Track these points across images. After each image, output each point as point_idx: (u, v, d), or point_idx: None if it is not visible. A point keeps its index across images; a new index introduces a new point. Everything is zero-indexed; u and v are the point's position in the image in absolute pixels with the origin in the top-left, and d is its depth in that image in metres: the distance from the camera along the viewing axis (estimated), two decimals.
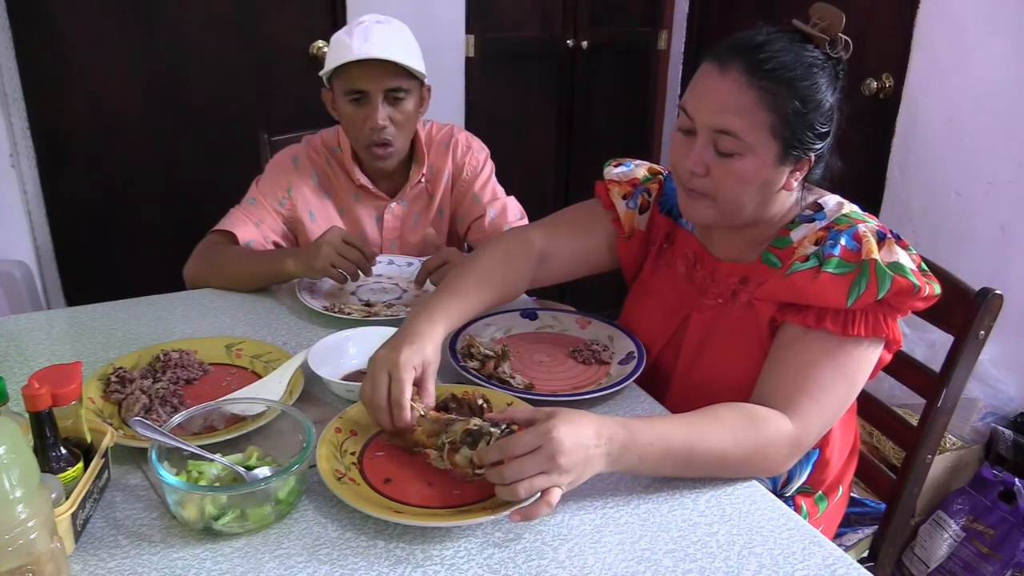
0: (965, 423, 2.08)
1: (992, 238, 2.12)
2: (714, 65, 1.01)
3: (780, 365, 1.04)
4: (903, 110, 2.29)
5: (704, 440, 0.93)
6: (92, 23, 2.19)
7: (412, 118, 1.56)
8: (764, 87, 0.98)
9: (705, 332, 1.16)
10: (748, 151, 1.01)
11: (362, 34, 1.46)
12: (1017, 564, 1.84)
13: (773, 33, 1.02)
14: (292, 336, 1.32)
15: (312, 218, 1.61)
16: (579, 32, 2.95)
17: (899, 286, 0.97)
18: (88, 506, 0.86)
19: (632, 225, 1.26)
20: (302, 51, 2.46)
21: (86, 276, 2.37)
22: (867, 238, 1.01)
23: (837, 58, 1.03)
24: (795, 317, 1.03)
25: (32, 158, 2.18)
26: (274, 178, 1.61)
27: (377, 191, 1.63)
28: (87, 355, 1.23)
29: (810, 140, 1.02)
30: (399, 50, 1.47)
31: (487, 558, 0.84)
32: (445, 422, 0.95)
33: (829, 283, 0.99)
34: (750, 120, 0.99)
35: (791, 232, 1.09)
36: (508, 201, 1.69)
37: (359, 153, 1.59)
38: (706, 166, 1.04)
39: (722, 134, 1.01)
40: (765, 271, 1.10)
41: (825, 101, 1.02)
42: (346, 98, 1.51)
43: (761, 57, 0.98)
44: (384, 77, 1.48)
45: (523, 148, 2.96)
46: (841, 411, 1.04)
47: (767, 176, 1.03)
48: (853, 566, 0.84)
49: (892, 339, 1.03)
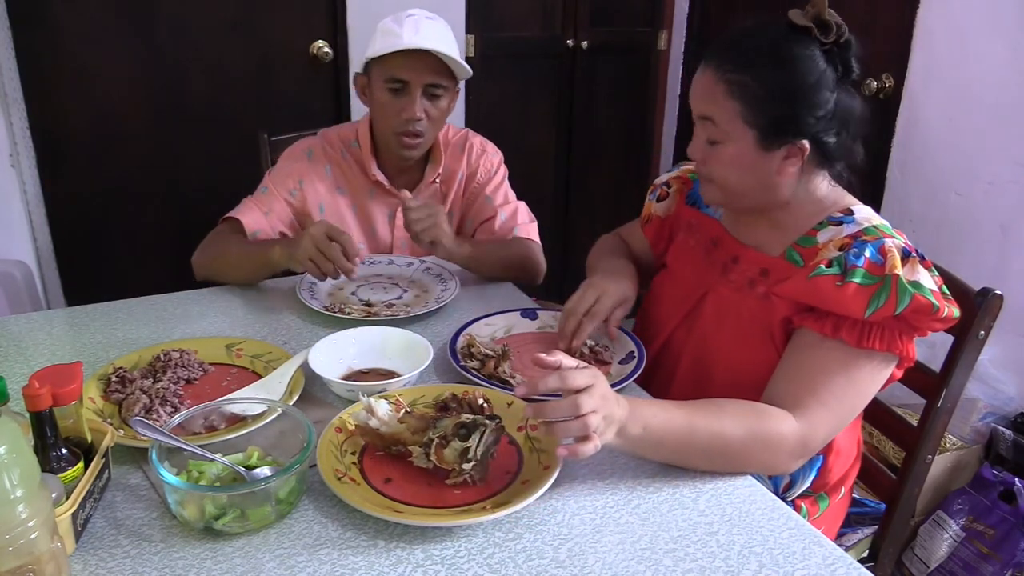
0: (965, 423, 2.08)
1: (992, 238, 2.12)
2: (701, 65, 1.11)
3: (793, 368, 1.04)
4: (903, 110, 2.29)
5: (704, 418, 0.96)
6: (92, 23, 2.19)
7: (444, 116, 1.57)
8: (729, 79, 1.05)
9: (719, 314, 1.18)
10: (727, 138, 1.08)
11: (413, 26, 1.47)
12: (1017, 564, 1.84)
13: (760, 26, 1.07)
14: (292, 336, 1.32)
15: (321, 211, 1.61)
16: (579, 32, 2.95)
17: (918, 304, 0.98)
18: (88, 506, 0.86)
19: (650, 212, 1.40)
20: (302, 51, 2.46)
21: (86, 276, 2.36)
22: (892, 253, 1.01)
23: (834, 43, 1.04)
24: (813, 323, 1.04)
25: (32, 158, 2.18)
26: (287, 168, 1.60)
27: (392, 188, 1.63)
28: (87, 355, 1.23)
29: (793, 124, 1.04)
30: (448, 48, 1.48)
31: (487, 558, 0.84)
32: (432, 419, 0.95)
33: (851, 293, 1.00)
34: (721, 108, 1.06)
35: (818, 233, 1.09)
36: (519, 205, 1.69)
37: (385, 141, 1.58)
38: (702, 153, 1.13)
39: (706, 121, 1.09)
40: (787, 267, 1.11)
41: (805, 86, 1.03)
42: (385, 85, 1.50)
43: (731, 52, 1.07)
44: (427, 71, 1.48)
45: (523, 148, 2.96)
46: (848, 420, 1.05)
47: (752, 161, 1.07)
48: (853, 566, 0.84)
49: (905, 356, 1.04)
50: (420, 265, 1.59)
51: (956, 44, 2.14)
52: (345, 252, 1.33)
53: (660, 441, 0.94)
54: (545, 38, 2.91)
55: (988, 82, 2.08)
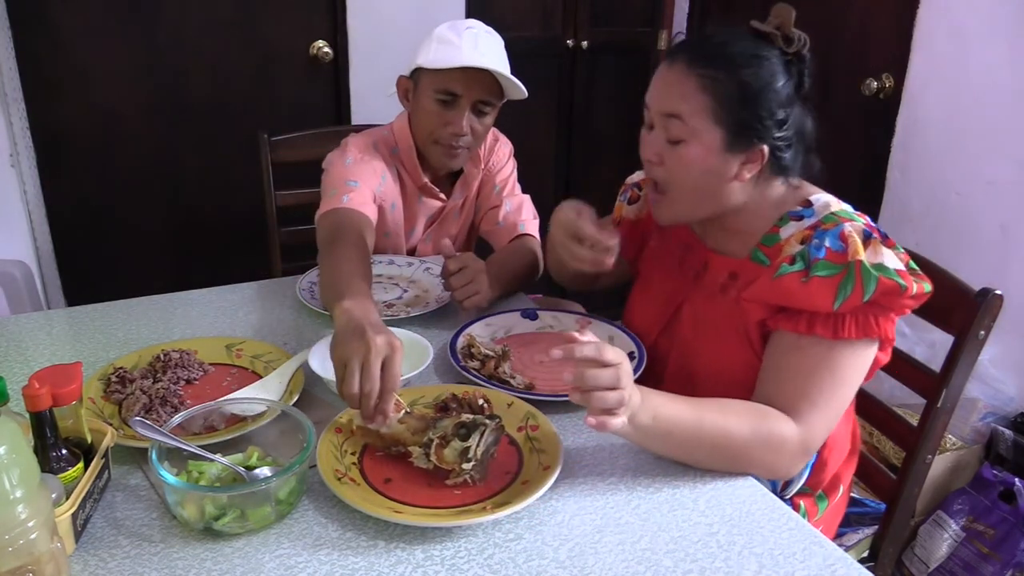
0: (965, 423, 2.08)
1: (992, 238, 2.12)
2: (665, 62, 1.09)
3: (777, 373, 1.05)
4: (903, 110, 2.28)
5: (712, 414, 0.96)
6: (92, 23, 2.19)
7: (487, 131, 1.57)
8: (703, 73, 1.04)
9: (696, 323, 1.18)
10: (692, 137, 1.05)
11: (472, 40, 1.45)
12: (1017, 564, 1.84)
13: (726, 31, 1.08)
14: (292, 336, 1.32)
15: (392, 208, 1.59)
16: (579, 32, 2.95)
17: (884, 286, 0.98)
18: (88, 506, 0.86)
19: (620, 214, 1.38)
20: (302, 51, 2.46)
21: (86, 276, 2.36)
22: (852, 238, 1.01)
23: (794, 54, 1.05)
24: (787, 324, 1.04)
25: (32, 158, 2.18)
26: (369, 163, 1.53)
27: (440, 194, 1.62)
28: (87, 355, 1.23)
29: (757, 129, 1.04)
30: (505, 66, 1.47)
31: (487, 558, 0.84)
32: (432, 419, 0.96)
33: (817, 287, 1.00)
34: (692, 103, 1.04)
35: (780, 229, 1.09)
36: (524, 199, 1.69)
37: (426, 148, 1.56)
38: (660, 155, 1.10)
39: (670, 118, 1.06)
40: (754, 268, 1.10)
41: (771, 90, 1.03)
42: (435, 95, 1.48)
43: (703, 47, 1.07)
44: (481, 88, 1.47)
45: (523, 148, 2.94)
46: (842, 411, 1.05)
47: (713, 163, 1.06)
48: (853, 566, 0.84)
49: (885, 338, 1.03)
50: (420, 265, 1.59)
51: (956, 44, 2.14)
52: (380, 396, 0.94)
53: (668, 432, 0.94)
54: (545, 38, 2.92)
55: (988, 82, 2.08)
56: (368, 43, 2.45)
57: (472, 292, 1.35)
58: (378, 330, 0.96)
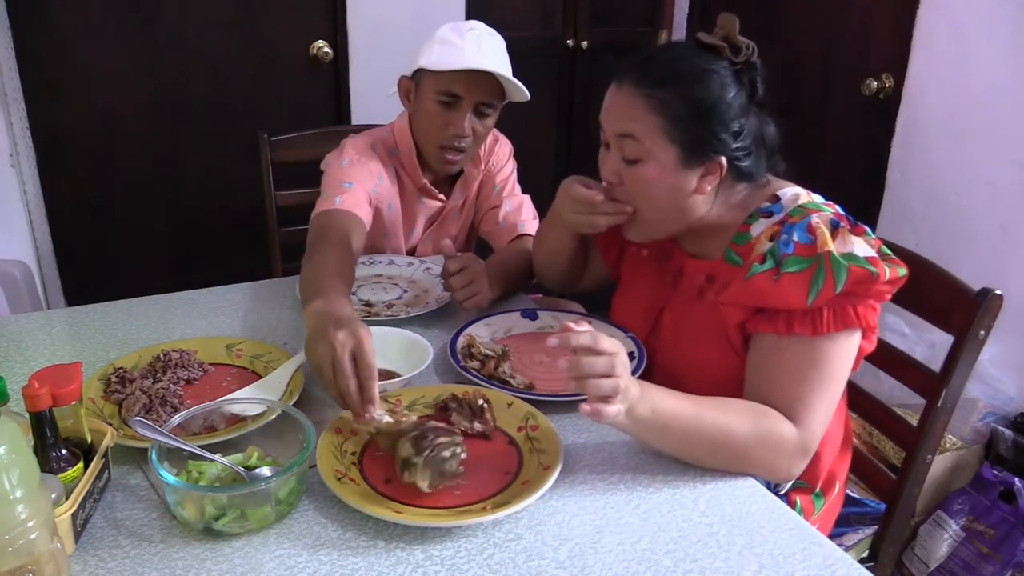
0: (965, 423, 2.08)
1: (992, 238, 2.12)
2: (614, 83, 1.09)
3: (764, 377, 1.04)
4: (903, 110, 2.28)
5: (711, 411, 0.96)
6: (92, 23, 2.19)
7: (487, 133, 1.57)
8: (651, 94, 1.04)
9: (677, 329, 1.18)
10: (648, 156, 1.05)
11: (475, 42, 1.45)
12: (1017, 564, 1.84)
13: (672, 46, 1.06)
14: (292, 336, 1.32)
15: (390, 209, 1.59)
16: (579, 32, 2.95)
17: (856, 276, 0.97)
18: (88, 506, 0.86)
19: None
20: (302, 51, 2.46)
21: (86, 276, 2.36)
22: (820, 229, 1.01)
23: (743, 63, 1.05)
24: (766, 326, 1.04)
25: (32, 158, 2.18)
26: (366, 165, 1.53)
27: (439, 194, 1.62)
28: (87, 355, 1.23)
29: (712, 143, 1.04)
30: (508, 68, 1.47)
31: (487, 558, 0.84)
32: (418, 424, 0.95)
33: (789, 284, 1.00)
34: (643, 125, 1.04)
35: (750, 227, 1.09)
36: (524, 200, 1.69)
37: (427, 151, 1.56)
38: (618, 175, 1.10)
39: (625, 138, 1.07)
40: (729, 270, 1.10)
41: (722, 103, 1.03)
42: (436, 97, 1.47)
43: (648, 68, 1.06)
44: (482, 90, 1.47)
45: (523, 148, 2.95)
46: (834, 406, 1.05)
47: (672, 181, 1.06)
48: (853, 566, 0.84)
49: (867, 326, 1.03)
50: (420, 265, 1.59)
51: (956, 44, 2.14)
52: (360, 388, 0.96)
53: (666, 426, 0.94)
54: (545, 38, 2.92)
55: (988, 82, 2.08)
56: (368, 43, 2.45)
57: (472, 292, 1.35)
58: (340, 324, 0.97)
